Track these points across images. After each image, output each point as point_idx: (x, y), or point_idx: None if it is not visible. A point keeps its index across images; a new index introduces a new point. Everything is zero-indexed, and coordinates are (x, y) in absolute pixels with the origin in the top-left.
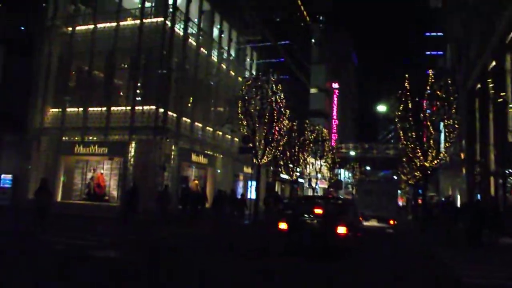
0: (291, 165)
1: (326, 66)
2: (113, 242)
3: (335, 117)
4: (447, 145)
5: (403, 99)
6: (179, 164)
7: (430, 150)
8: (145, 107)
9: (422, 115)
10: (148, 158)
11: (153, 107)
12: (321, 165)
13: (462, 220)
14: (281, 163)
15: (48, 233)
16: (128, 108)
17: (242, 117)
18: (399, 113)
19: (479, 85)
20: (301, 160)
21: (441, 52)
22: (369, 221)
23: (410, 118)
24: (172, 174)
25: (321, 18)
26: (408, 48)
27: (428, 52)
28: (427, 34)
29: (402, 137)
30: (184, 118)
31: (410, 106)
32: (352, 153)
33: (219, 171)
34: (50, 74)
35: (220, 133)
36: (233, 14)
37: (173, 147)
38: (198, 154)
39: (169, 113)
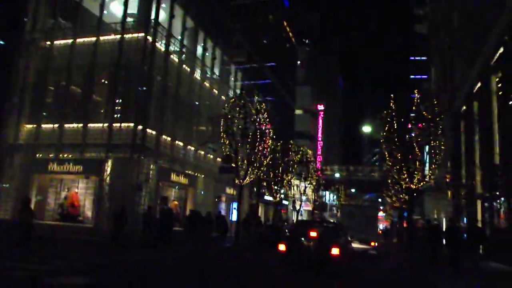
0: (275, 187)
1: (311, 88)
2: (78, 268)
3: (320, 138)
4: (433, 166)
5: (389, 119)
6: (157, 184)
7: (415, 172)
8: (123, 124)
9: (407, 136)
10: (125, 177)
11: (132, 124)
12: (305, 187)
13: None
14: (264, 184)
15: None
16: (106, 124)
17: (224, 136)
18: (384, 134)
19: (464, 107)
20: (285, 181)
21: (425, 76)
22: (352, 242)
23: (396, 140)
24: (150, 195)
25: (307, 41)
26: (393, 71)
27: (413, 76)
28: (412, 58)
29: (387, 158)
30: (164, 136)
31: (395, 127)
32: (337, 175)
33: (202, 192)
34: (26, 89)
35: (202, 152)
36: (218, 33)
37: (151, 166)
38: (178, 174)
39: (149, 130)
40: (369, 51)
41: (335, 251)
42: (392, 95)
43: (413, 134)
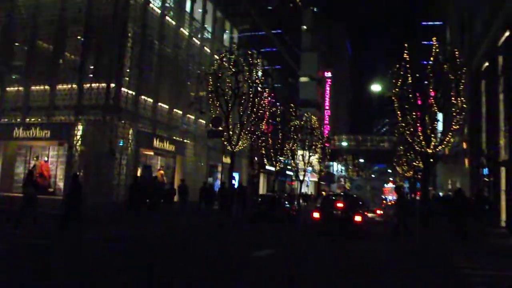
0: (273, 154)
1: (318, 54)
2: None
3: (327, 107)
4: (453, 127)
5: (402, 72)
6: (136, 151)
7: (432, 135)
8: (95, 84)
9: (423, 92)
10: (98, 142)
11: (104, 84)
12: (309, 156)
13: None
14: (262, 152)
15: None
16: (74, 85)
17: (213, 96)
18: (397, 90)
19: (486, 64)
20: (286, 149)
21: (440, 22)
22: None
23: (410, 96)
24: (128, 162)
25: (314, 9)
26: (404, 35)
27: (425, 23)
28: (424, 23)
29: (399, 119)
30: (144, 97)
31: (409, 81)
32: (344, 143)
33: (191, 160)
34: None
35: (192, 117)
36: None
37: (130, 130)
38: (163, 140)
39: (125, 90)
40: (378, 17)
41: (357, 218)
42: (406, 44)
43: (432, 89)
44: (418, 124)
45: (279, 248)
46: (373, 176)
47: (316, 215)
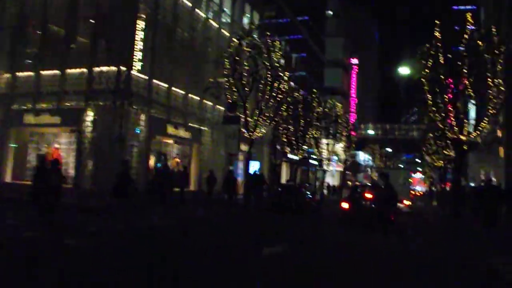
0: (295, 142)
1: (344, 40)
2: None
3: (353, 95)
4: (490, 111)
5: (432, 52)
6: (149, 137)
7: (466, 120)
8: (105, 68)
9: (456, 73)
10: (109, 129)
11: (115, 67)
12: (333, 144)
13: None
14: (284, 139)
15: None
16: (85, 69)
17: (229, 80)
18: (427, 72)
19: None
20: (308, 137)
21: (473, 7)
22: None
23: (442, 77)
24: (139, 149)
25: None
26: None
27: (457, 7)
28: (455, 7)
29: (430, 103)
30: (157, 82)
31: (441, 62)
32: (371, 131)
33: (208, 147)
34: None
35: (209, 102)
36: None
37: (142, 116)
38: (177, 127)
39: (137, 74)
40: (407, 2)
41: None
42: (437, 21)
43: (464, 71)
44: (450, 109)
45: (294, 244)
46: (401, 166)
47: (345, 205)
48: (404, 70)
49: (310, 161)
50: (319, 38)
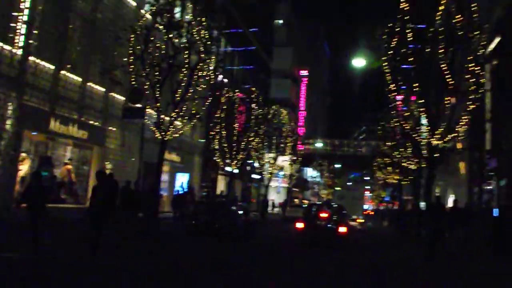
0: (228, 150)
1: (293, 49)
2: None
3: (302, 108)
4: (469, 107)
5: (398, 29)
6: (18, 133)
7: (440, 120)
8: None
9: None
10: None
11: None
12: (276, 157)
13: None
14: (215, 147)
15: None
16: None
17: (131, 61)
18: (390, 54)
19: None
20: (246, 146)
21: None
22: None
23: (411, 58)
24: (5, 150)
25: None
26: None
27: None
28: None
29: (391, 97)
30: (35, 60)
31: (410, 38)
32: (319, 145)
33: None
34: None
35: (120, 97)
36: None
37: (10, 104)
38: (67, 122)
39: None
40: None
41: (342, 229)
42: None
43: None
44: (421, 101)
45: None
46: (349, 183)
47: (299, 225)
48: (358, 62)
49: (253, 175)
50: (268, 49)
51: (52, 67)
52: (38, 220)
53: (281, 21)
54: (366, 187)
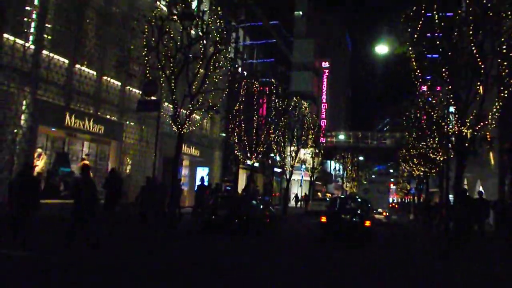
0: (247, 144)
1: (314, 41)
2: None
3: (324, 100)
4: (502, 94)
5: (423, 12)
6: (33, 129)
7: (470, 108)
8: None
9: (454, 44)
10: None
11: None
12: (297, 150)
13: None
14: (235, 139)
15: None
16: None
17: (146, 53)
18: (415, 40)
19: None
20: (266, 139)
21: None
22: None
23: (438, 43)
24: (20, 146)
25: None
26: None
27: None
28: None
29: (417, 84)
30: (51, 55)
31: (438, 22)
32: (342, 137)
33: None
34: None
35: (136, 90)
36: None
37: (24, 100)
38: (83, 117)
39: (15, 40)
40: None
41: (367, 223)
42: None
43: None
44: (449, 89)
45: None
46: (373, 176)
47: (323, 219)
48: (381, 49)
49: (275, 169)
50: (288, 41)
51: (67, 61)
52: (30, 216)
53: (301, 13)
54: (391, 180)
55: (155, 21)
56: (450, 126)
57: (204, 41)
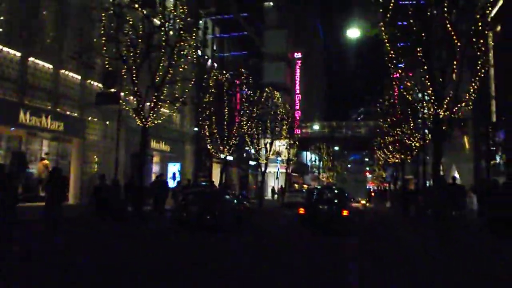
0: (219, 136)
1: (286, 32)
2: None
3: (298, 91)
4: (478, 74)
5: None
6: None
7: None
8: None
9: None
10: None
11: None
12: (271, 142)
13: None
14: (206, 133)
15: None
16: None
17: (105, 41)
18: (389, 17)
19: None
20: (235, 131)
21: None
22: None
23: (411, 21)
24: None
25: None
26: None
27: None
28: None
29: (391, 66)
30: (0, 47)
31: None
32: (316, 127)
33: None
34: None
35: (99, 84)
36: None
37: None
38: (39, 113)
39: None
40: None
41: (345, 213)
42: None
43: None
44: (424, 69)
45: None
46: (349, 166)
47: (301, 211)
48: (353, 33)
49: (250, 162)
50: (260, 33)
51: (19, 53)
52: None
53: (271, 3)
54: (367, 168)
55: (113, 9)
56: (426, 110)
57: (167, 29)
